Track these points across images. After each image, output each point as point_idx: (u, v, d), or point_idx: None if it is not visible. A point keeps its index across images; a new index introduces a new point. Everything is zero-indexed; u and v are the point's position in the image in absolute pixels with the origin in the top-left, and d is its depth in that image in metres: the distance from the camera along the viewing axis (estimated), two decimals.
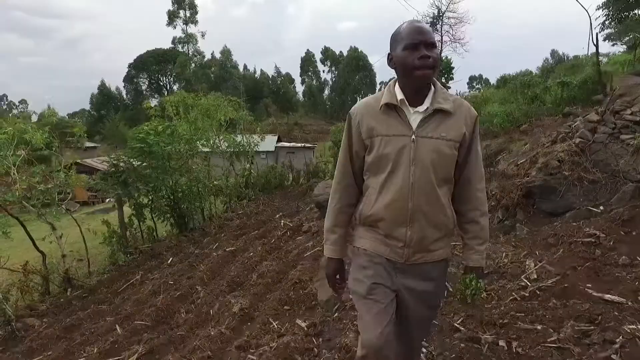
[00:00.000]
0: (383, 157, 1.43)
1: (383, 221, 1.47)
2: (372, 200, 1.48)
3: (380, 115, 1.46)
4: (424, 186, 1.42)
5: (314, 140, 38.65)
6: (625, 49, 15.83)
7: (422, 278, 1.51)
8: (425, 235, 1.46)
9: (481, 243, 1.56)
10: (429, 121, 1.42)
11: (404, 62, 1.39)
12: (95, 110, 55.26)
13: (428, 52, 1.37)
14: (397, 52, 1.43)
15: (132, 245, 7.40)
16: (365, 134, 1.48)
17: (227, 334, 3.24)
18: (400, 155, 1.41)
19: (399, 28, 1.46)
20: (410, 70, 1.39)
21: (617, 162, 3.82)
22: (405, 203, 1.42)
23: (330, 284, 1.70)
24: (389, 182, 1.44)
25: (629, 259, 2.51)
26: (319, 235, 5.66)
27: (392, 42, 1.47)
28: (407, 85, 1.44)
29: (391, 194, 1.43)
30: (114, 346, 3.56)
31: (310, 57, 68.70)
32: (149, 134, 7.52)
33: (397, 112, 1.44)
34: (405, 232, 1.45)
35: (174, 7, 50.10)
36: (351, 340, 2.19)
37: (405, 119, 1.43)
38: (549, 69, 48.82)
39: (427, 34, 1.40)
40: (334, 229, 1.62)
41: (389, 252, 1.50)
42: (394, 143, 1.42)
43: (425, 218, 1.44)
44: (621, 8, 12.72)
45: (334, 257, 1.63)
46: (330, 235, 1.63)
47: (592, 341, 1.79)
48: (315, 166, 13.19)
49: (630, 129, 3.89)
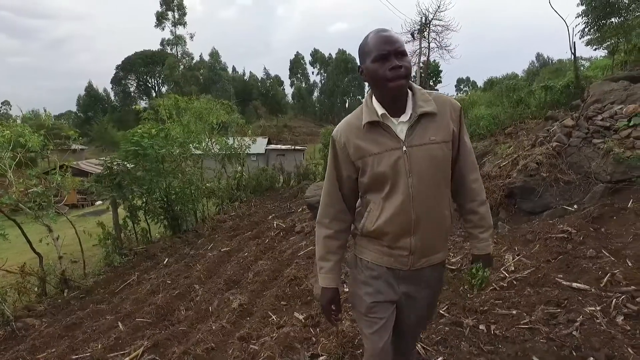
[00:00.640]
0: (379, 175, 1.40)
1: (387, 235, 1.45)
2: (375, 215, 1.45)
3: (365, 134, 1.42)
4: (424, 195, 1.40)
5: (304, 142, 38.85)
6: (607, 54, 16.40)
7: (424, 284, 1.52)
8: (428, 241, 1.46)
9: (483, 231, 1.57)
10: (415, 128, 1.39)
11: (376, 74, 1.35)
12: (82, 111, 54.59)
13: (399, 61, 1.32)
14: (367, 65, 1.38)
15: (126, 246, 7.50)
16: (354, 156, 1.43)
17: (228, 327, 3.42)
18: (395, 169, 1.38)
19: (365, 39, 1.41)
20: (383, 83, 1.35)
21: (589, 164, 4.13)
22: (408, 215, 1.40)
23: (325, 315, 1.61)
24: (389, 197, 1.41)
25: (595, 251, 2.78)
26: (312, 235, 5.86)
27: (361, 55, 1.42)
28: (383, 97, 1.40)
29: (393, 208, 1.41)
30: (117, 342, 3.70)
31: (300, 59, 68.92)
32: (143, 137, 7.64)
33: (381, 127, 1.40)
34: (409, 241, 1.43)
35: (163, 9, 49.79)
36: (347, 327, 2.41)
37: (391, 132, 1.40)
38: (535, 72, 49.72)
39: (396, 42, 1.35)
40: (327, 256, 1.54)
41: (392, 262, 1.48)
42: (386, 159, 1.38)
43: (427, 225, 1.43)
44: (599, 16, 13.15)
45: (329, 287, 1.54)
46: (324, 263, 1.55)
47: (558, 321, 2.05)
48: (305, 168, 13.40)
49: (601, 134, 4.20)
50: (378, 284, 1.50)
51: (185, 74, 48.24)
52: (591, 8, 12.95)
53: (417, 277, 1.50)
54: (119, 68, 56.05)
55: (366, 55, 1.38)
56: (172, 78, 47.46)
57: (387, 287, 1.50)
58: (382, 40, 1.34)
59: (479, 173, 1.56)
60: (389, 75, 1.32)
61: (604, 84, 8.82)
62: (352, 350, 2.20)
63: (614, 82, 8.61)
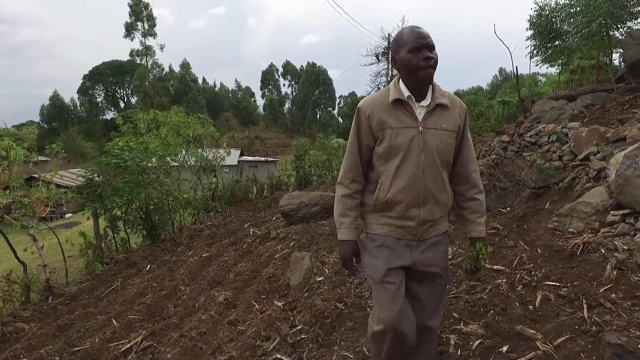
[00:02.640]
0: (394, 146, 1.57)
1: (399, 204, 1.61)
2: (387, 185, 1.61)
3: (389, 110, 1.60)
4: (432, 171, 1.58)
5: (275, 153, 39.33)
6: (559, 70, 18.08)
7: (432, 249, 1.68)
8: (433, 213, 1.63)
9: (480, 216, 1.77)
10: (431, 114, 1.60)
11: (409, 63, 1.55)
12: (46, 122, 52.79)
13: (430, 53, 1.54)
14: (401, 55, 1.58)
15: (107, 255, 7.78)
16: (376, 127, 1.61)
17: (216, 317, 3.91)
18: (410, 144, 1.56)
19: (400, 33, 1.63)
20: (415, 71, 1.54)
21: (520, 173, 4.94)
22: (418, 186, 1.58)
23: (347, 266, 1.77)
24: (401, 168, 1.58)
25: (514, 242, 3.53)
26: (287, 240, 6.41)
27: (396, 46, 1.63)
28: (411, 83, 1.59)
29: (405, 179, 1.58)
30: (114, 335, 4.09)
31: (272, 71, 69.56)
32: (123, 150, 8.01)
33: (404, 106, 1.59)
34: (418, 212, 1.61)
35: (132, 20, 49.38)
36: (319, 303, 3.00)
37: (412, 113, 1.59)
38: (498, 86, 52.19)
39: (428, 37, 1.55)
40: (346, 212, 1.72)
41: (403, 233, 1.65)
42: (404, 134, 1.57)
43: (434, 199, 1.61)
44: (545, 40, 14.48)
45: (349, 239, 1.72)
46: (344, 219, 1.72)
47: (476, 291, 2.76)
48: (278, 179, 13.93)
49: (529, 148, 5.04)
50: (389, 252, 1.65)
51: (156, 84, 47.85)
52: (538, 33, 14.33)
53: (425, 245, 1.67)
54: (86, 77, 54.86)
55: (401, 46, 1.59)
56: (142, 89, 46.95)
57: (397, 255, 1.65)
58: (416, 35, 1.56)
59: (477, 166, 1.79)
60: (421, 65, 1.53)
61: (546, 102, 9.97)
62: (323, 319, 2.80)
63: (555, 101, 9.76)
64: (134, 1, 48.63)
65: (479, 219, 1.76)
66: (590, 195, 3.50)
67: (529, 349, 2.03)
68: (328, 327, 2.77)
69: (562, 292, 2.50)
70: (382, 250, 1.66)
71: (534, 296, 2.58)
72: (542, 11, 13.68)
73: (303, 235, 6.20)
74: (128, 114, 13.28)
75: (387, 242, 1.66)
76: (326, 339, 2.65)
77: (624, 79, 10.45)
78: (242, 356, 2.68)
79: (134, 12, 49.56)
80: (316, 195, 7.50)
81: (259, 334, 2.97)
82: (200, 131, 11.05)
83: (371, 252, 1.71)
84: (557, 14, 13.30)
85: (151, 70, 50.25)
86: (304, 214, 7.12)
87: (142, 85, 46.81)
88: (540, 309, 2.41)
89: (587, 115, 7.24)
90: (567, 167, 4.45)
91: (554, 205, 4.21)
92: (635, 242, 2.77)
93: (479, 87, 55.72)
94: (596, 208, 3.33)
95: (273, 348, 2.69)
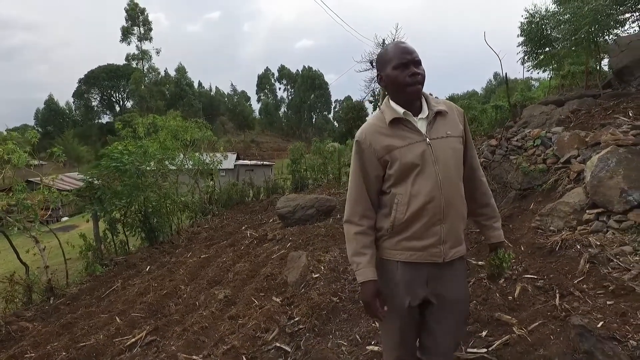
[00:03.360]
0: (407, 165, 1.48)
1: (419, 223, 1.49)
2: (405, 204, 1.49)
3: (390, 131, 1.52)
4: (450, 181, 1.49)
5: (271, 157, 39.52)
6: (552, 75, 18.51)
7: (454, 279, 1.55)
8: (455, 228, 1.52)
9: (496, 221, 1.70)
10: (433, 124, 1.53)
11: (396, 80, 1.50)
12: (41, 126, 52.68)
13: (417, 69, 1.49)
14: (387, 72, 1.53)
15: (107, 257, 7.93)
16: (381, 153, 1.52)
17: (217, 313, 4.09)
18: (423, 158, 1.47)
19: (385, 49, 1.57)
20: (403, 87, 1.50)
21: (507, 176, 5.18)
22: (439, 201, 1.47)
23: (370, 311, 1.58)
24: (417, 185, 1.48)
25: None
26: (284, 241, 6.61)
27: (381, 63, 1.56)
28: (401, 100, 1.53)
29: (424, 195, 1.47)
30: (118, 331, 4.26)
31: (268, 75, 69.87)
32: (123, 154, 8.18)
33: (403, 124, 1.52)
34: (440, 229, 1.49)
35: (128, 24, 49.54)
36: (315, 297, 3.20)
37: (413, 127, 1.52)
38: (492, 90, 52.62)
39: (414, 52, 1.51)
40: (362, 250, 1.56)
41: (425, 256, 1.51)
42: (413, 150, 1.48)
43: (455, 211, 1.51)
44: (536, 46, 14.82)
45: (369, 280, 1.54)
46: (360, 258, 1.56)
47: None
48: (274, 183, 14.14)
49: (515, 152, 5.28)
50: (404, 287, 1.54)
51: (151, 89, 47.97)
52: (528, 39, 14.71)
53: (448, 272, 1.54)
54: (81, 81, 54.88)
55: (387, 63, 1.53)
56: (137, 93, 47.06)
57: (413, 290, 1.53)
58: (402, 50, 1.51)
59: (482, 170, 1.74)
60: (409, 81, 1.48)
61: (535, 107, 10.26)
62: (319, 311, 3.01)
63: (545, 106, 10.05)
64: (130, 6, 48.92)
65: (496, 223, 1.70)
66: (569, 196, 3.73)
67: (505, 333, 2.25)
68: (324, 318, 2.97)
69: (538, 284, 2.73)
70: (398, 283, 1.55)
71: (514, 288, 2.80)
72: (532, 18, 14.06)
73: (299, 237, 6.40)
74: (125, 118, 13.43)
75: (405, 275, 1.54)
76: (322, 328, 2.85)
77: (611, 85, 10.78)
78: (244, 346, 2.87)
79: (130, 16, 49.77)
80: (312, 198, 7.71)
81: (258, 326, 3.16)
82: (198, 135, 11.24)
83: (384, 283, 1.59)
84: (547, 21, 13.68)
85: (147, 74, 50.41)
86: (300, 216, 7.31)
87: (138, 89, 46.91)
88: (519, 299, 2.63)
89: (573, 120, 7.49)
90: (551, 169, 4.69)
91: (538, 205, 4.44)
92: (607, 238, 3.00)
93: (474, 91, 56.30)
94: (574, 207, 3.56)
95: (272, 338, 2.89)
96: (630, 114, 5.58)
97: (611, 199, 3.16)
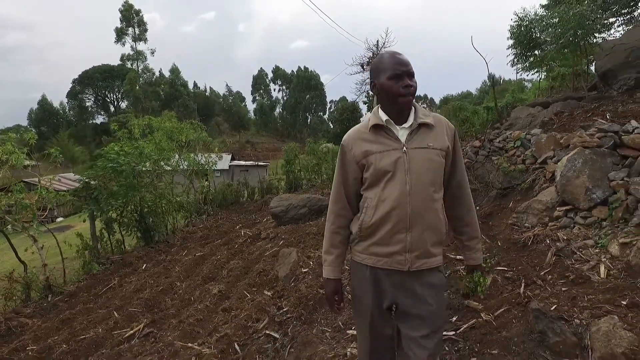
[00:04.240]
0: (380, 170, 1.54)
1: (384, 228, 1.54)
2: (372, 209, 1.56)
3: (370, 137, 1.59)
4: (420, 191, 1.51)
5: (266, 158, 39.67)
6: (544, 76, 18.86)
7: (423, 285, 1.56)
8: (423, 239, 1.53)
9: (477, 242, 1.72)
10: (415, 134, 1.57)
11: (389, 90, 1.55)
12: (35, 126, 52.41)
13: (410, 81, 1.54)
14: (381, 81, 1.57)
15: (103, 256, 8.09)
16: (359, 157, 1.59)
17: (212, 306, 4.30)
18: (395, 166, 1.52)
19: (381, 58, 1.62)
20: (395, 97, 1.54)
21: (489, 176, 5.43)
22: (405, 208, 1.50)
23: (329, 304, 1.74)
24: (387, 190, 1.53)
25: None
26: (276, 239, 6.81)
27: (375, 71, 1.60)
28: (391, 109, 1.58)
29: (391, 201, 1.52)
30: (116, 325, 4.46)
31: (263, 75, 69.91)
32: (119, 155, 8.34)
33: (384, 131, 1.58)
34: (405, 237, 1.52)
35: (123, 25, 49.45)
36: (303, 290, 3.42)
37: (393, 135, 1.57)
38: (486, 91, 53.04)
39: (409, 65, 1.56)
40: (330, 249, 1.69)
41: (390, 263, 1.56)
42: (387, 157, 1.54)
43: (423, 222, 1.52)
44: (525, 49, 15.09)
45: (332, 278, 1.67)
46: (328, 256, 1.69)
47: None
48: (268, 183, 14.32)
49: (497, 153, 5.53)
50: (373, 289, 1.60)
51: (146, 89, 47.93)
52: (518, 42, 15.03)
53: (416, 280, 1.55)
54: (75, 82, 54.68)
55: (381, 72, 1.58)
56: (132, 93, 47.00)
57: (382, 292, 1.59)
58: (397, 62, 1.56)
59: (469, 187, 1.75)
60: (401, 92, 1.53)
61: (523, 109, 10.55)
62: (306, 302, 3.22)
63: (532, 108, 10.34)
64: (125, 7, 48.84)
65: (477, 245, 1.73)
66: (543, 194, 3.98)
67: (473, 318, 2.48)
68: (310, 308, 3.18)
69: (508, 275, 2.96)
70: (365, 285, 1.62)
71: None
72: (521, 22, 14.38)
73: (292, 235, 6.60)
74: (119, 119, 13.58)
75: (374, 278, 1.60)
76: (308, 317, 3.07)
77: (597, 87, 11.09)
78: (236, 334, 3.08)
79: (124, 17, 49.62)
80: (304, 197, 7.92)
81: (250, 316, 3.38)
82: (193, 136, 11.41)
83: (354, 284, 1.70)
84: (535, 25, 14.00)
85: (142, 74, 50.36)
86: (292, 215, 7.52)
87: (133, 89, 46.85)
88: (489, 289, 2.86)
89: (556, 122, 7.75)
90: (529, 169, 4.94)
91: (516, 204, 4.68)
92: (573, 233, 3.24)
93: (468, 92, 56.79)
94: (547, 205, 3.80)
95: (263, 326, 3.10)
96: (607, 116, 5.85)
97: (578, 197, 3.41)
